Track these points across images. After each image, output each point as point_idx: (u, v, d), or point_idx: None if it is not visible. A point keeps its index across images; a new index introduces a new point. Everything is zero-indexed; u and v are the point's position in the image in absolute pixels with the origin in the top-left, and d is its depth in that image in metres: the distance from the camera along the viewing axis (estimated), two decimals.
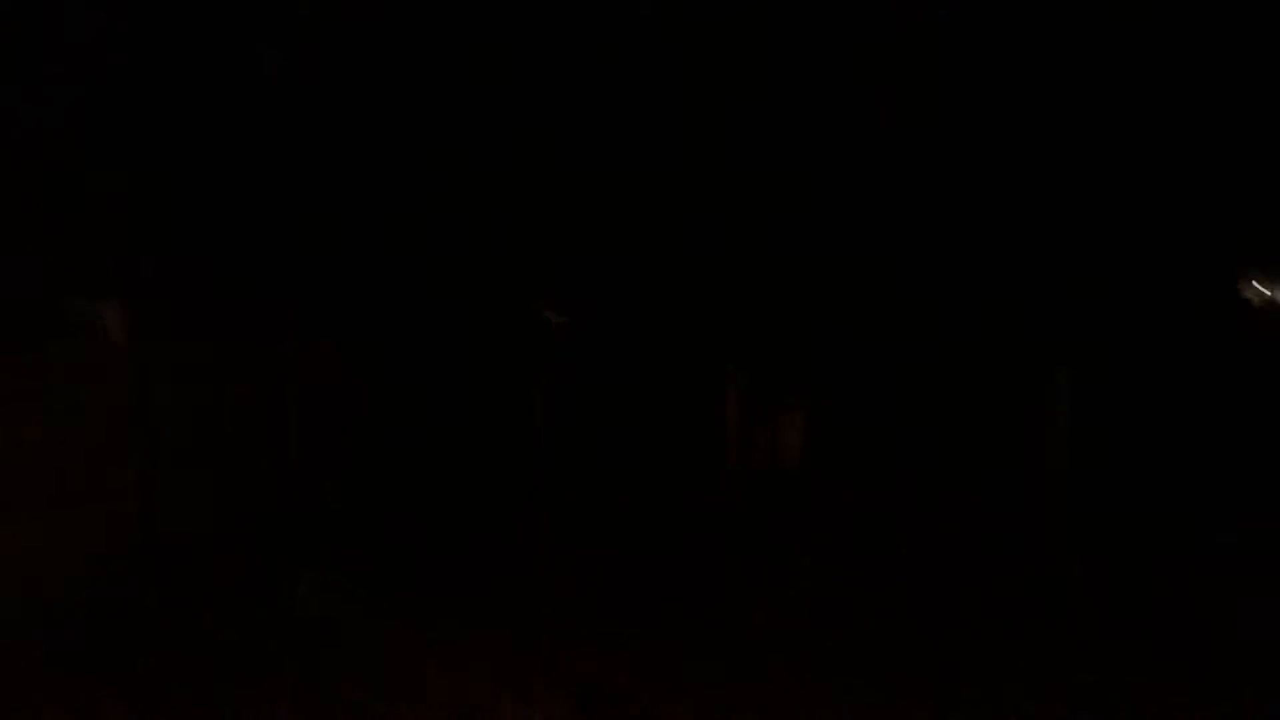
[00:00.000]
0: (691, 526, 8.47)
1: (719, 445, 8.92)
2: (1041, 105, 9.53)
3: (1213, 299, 9.26)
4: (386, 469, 8.79)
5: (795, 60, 10.13)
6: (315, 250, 9.21)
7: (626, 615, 6.75)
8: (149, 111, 8.05)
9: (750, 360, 9.23)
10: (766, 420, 9.62)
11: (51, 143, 7.38)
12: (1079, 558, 7.16)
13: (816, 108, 10.33)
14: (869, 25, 9.72)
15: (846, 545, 8.14)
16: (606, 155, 10.91)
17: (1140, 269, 9.38)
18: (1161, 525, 8.01)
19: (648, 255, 11.08)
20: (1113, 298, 9.52)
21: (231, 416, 7.44)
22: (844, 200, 10.61)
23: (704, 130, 10.56)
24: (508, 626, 6.53)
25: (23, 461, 5.64)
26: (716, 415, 8.91)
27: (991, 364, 9.41)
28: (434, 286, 10.59)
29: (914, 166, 10.33)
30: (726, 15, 9.91)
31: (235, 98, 8.73)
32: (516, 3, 9.92)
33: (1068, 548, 7.15)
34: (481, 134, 10.52)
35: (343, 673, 5.84)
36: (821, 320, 10.08)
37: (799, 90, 10.28)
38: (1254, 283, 8.91)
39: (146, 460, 6.49)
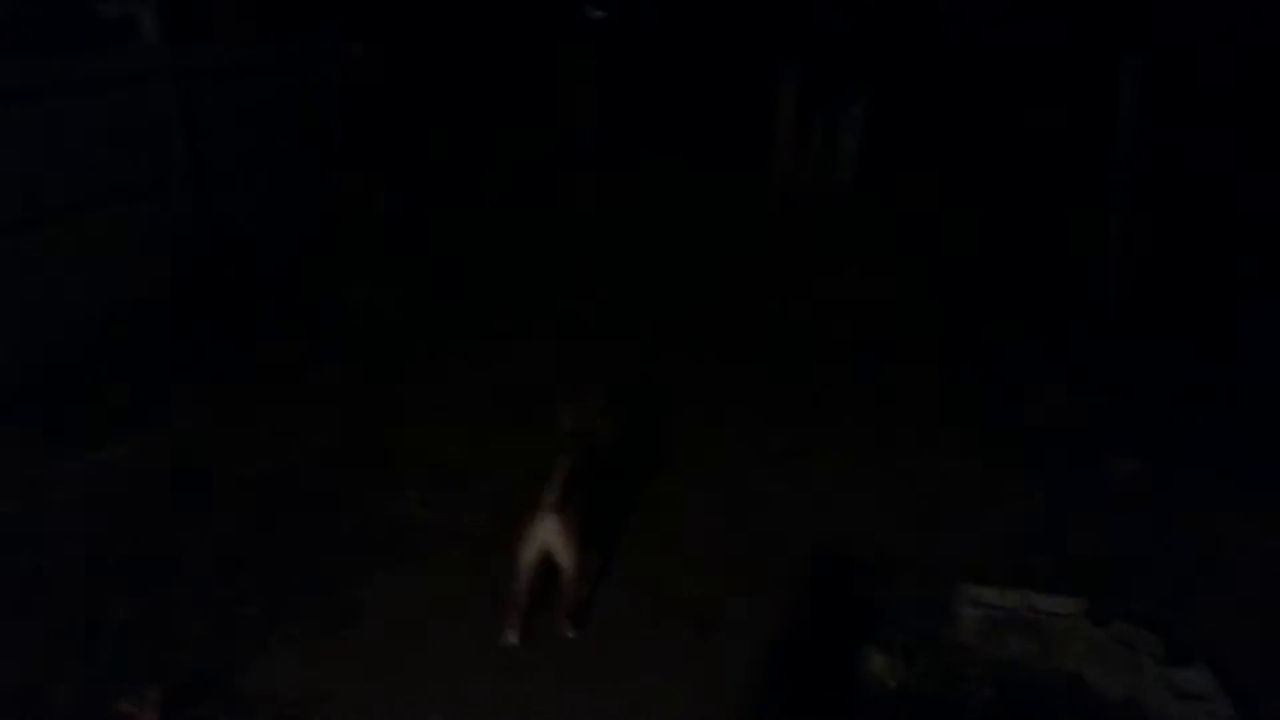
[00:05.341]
0: (740, 231, 8.43)
1: (770, 149, 8.70)
2: None
3: None
4: (434, 173, 8.76)
5: None
6: None
7: (669, 325, 6.88)
8: None
9: (806, 57, 8.81)
10: (822, 122, 9.30)
11: None
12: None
13: None
14: None
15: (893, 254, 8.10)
16: None
17: None
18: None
19: None
20: None
21: (275, 119, 7.37)
22: None
23: None
24: (553, 329, 6.72)
25: (76, 161, 5.70)
26: (770, 114, 8.62)
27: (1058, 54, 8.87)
28: None
29: None
30: None
31: None
32: None
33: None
34: None
35: (390, 365, 6.10)
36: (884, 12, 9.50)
37: None
38: None
39: (198, 160, 6.51)
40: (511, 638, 3.59)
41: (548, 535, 3.52)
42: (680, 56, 9.90)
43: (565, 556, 3.54)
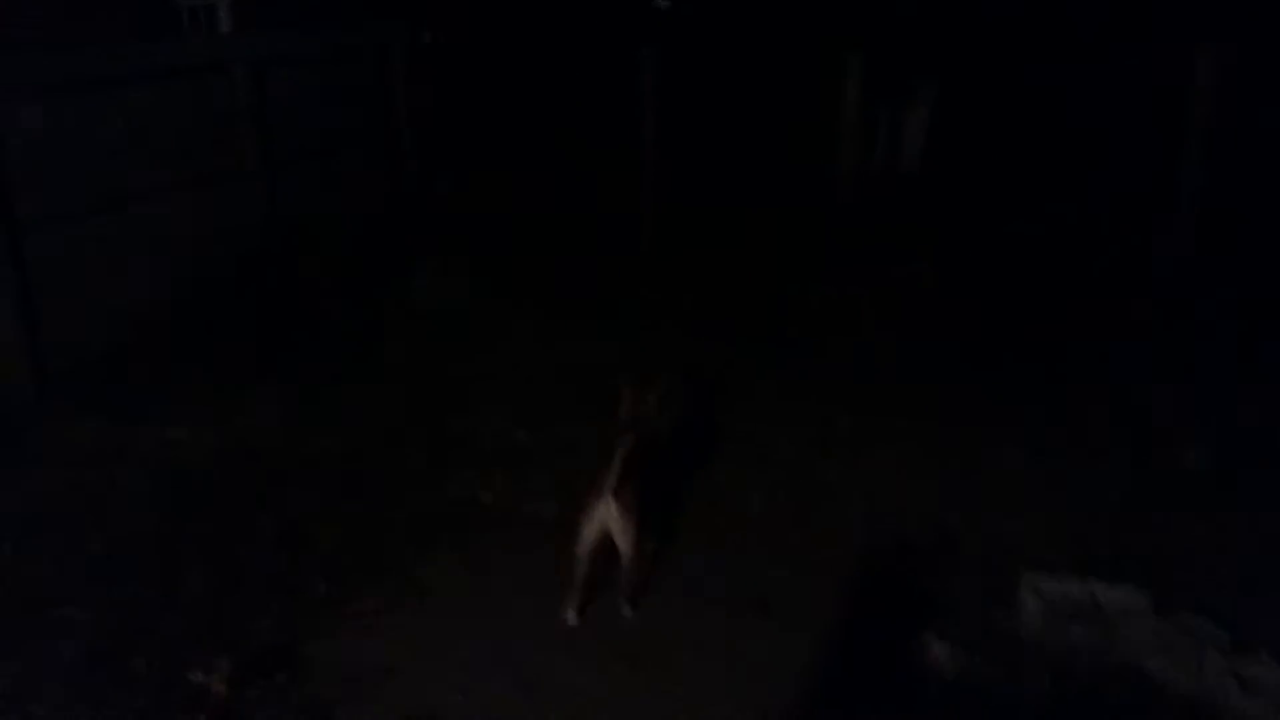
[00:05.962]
0: (800, 223, 8.37)
1: (835, 137, 8.61)
2: None
3: None
4: (498, 159, 8.82)
5: None
6: None
7: (729, 313, 6.87)
8: None
9: (874, 45, 8.71)
10: (888, 112, 9.20)
11: None
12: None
13: None
14: None
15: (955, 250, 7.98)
16: None
17: None
18: None
19: None
20: None
21: (343, 106, 7.48)
22: None
23: None
24: (613, 317, 6.75)
25: (153, 148, 5.84)
26: (834, 104, 8.54)
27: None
28: None
29: None
30: None
31: None
32: None
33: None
34: None
35: (452, 349, 6.18)
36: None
37: None
38: None
39: (266, 146, 6.62)
40: (571, 618, 3.64)
41: (607, 518, 3.55)
42: (745, 45, 9.85)
43: (624, 539, 3.57)
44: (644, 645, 3.56)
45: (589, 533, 3.58)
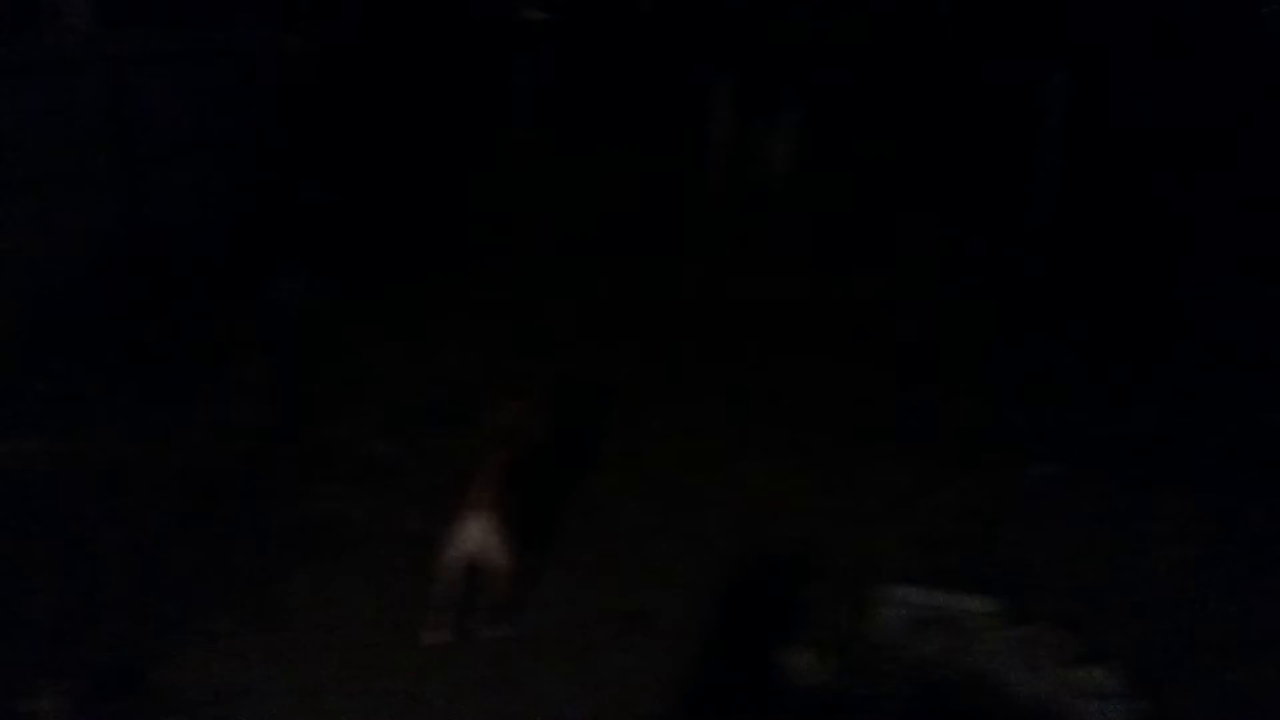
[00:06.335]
0: (673, 234, 8.47)
1: (706, 151, 8.73)
2: None
3: None
4: (365, 166, 8.67)
5: None
6: None
7: (602, 325, 6.88)
8: None
9: (743, 64, 8.87)
10: (756, 128, 9.37)
11: None
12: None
13: None
14: None
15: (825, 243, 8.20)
16: None
17: None
18: None
19: None
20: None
21: (207, 110, 7.24)
22: None
23: None
24: (486, 324, 6.70)
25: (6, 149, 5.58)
26: (705, 121, 8.67)
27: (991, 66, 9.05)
28: None
29: None
30: None
31: None
32: None
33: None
34: None
35: (320, 359, 6.02)
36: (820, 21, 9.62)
37: None
38: None
39: (128, 150, 6.37)
40: (434, 636, 3.56)
41: (476, 533, 3.49)
42: (619, 60, 9.92)
43: (493, 555, 3.51)
44: (509, 663, 3.50)
45: (457, 549, 3.51)
